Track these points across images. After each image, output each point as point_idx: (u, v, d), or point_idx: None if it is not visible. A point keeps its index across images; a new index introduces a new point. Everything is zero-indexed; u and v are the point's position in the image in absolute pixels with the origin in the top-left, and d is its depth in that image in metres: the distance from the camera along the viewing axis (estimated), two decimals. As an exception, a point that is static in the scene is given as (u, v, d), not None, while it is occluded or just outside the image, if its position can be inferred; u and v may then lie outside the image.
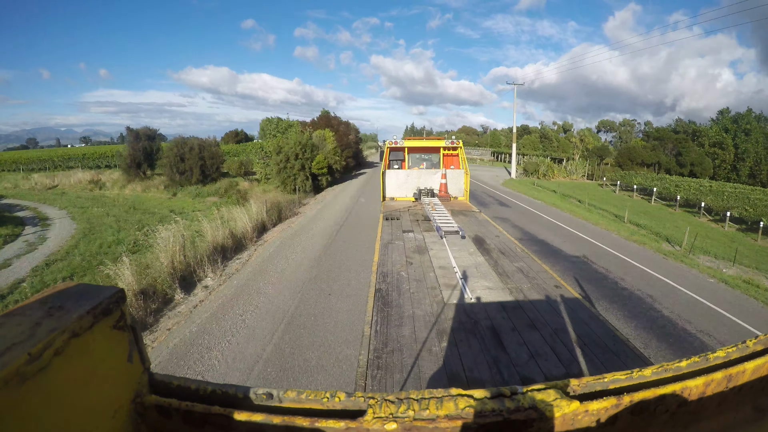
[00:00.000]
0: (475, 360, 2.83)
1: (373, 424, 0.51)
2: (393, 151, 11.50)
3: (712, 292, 8.34)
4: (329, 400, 0.54)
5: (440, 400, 0.52)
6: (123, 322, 0.53)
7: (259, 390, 0.56)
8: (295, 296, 7.53)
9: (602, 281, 8.64)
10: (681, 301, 7.79)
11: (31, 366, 0.40)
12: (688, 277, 9.31)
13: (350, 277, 8.40)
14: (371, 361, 2.80)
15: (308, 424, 0.51)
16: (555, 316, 3.54)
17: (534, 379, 2.62)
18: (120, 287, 0.55)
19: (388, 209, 9.18)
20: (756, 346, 0.60)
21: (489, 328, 3.30)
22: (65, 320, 0.45)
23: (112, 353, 0.52)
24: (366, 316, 3.54)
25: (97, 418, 0.48)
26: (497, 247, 5.95)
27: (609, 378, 0.58)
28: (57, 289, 0.52)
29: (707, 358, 0.60)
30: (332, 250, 10.38)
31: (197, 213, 14.73)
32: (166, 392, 0.56)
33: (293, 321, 6.52)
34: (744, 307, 7.68)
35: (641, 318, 6.95)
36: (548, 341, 3.08)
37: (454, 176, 11.07)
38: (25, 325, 0.43)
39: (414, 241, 6.19)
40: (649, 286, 8.45)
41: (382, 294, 4.03)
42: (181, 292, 7.61)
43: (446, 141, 11.58)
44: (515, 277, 4.59)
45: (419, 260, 5.21)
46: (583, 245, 11.53)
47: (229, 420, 0.52)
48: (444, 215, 7.81)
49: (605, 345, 3.06)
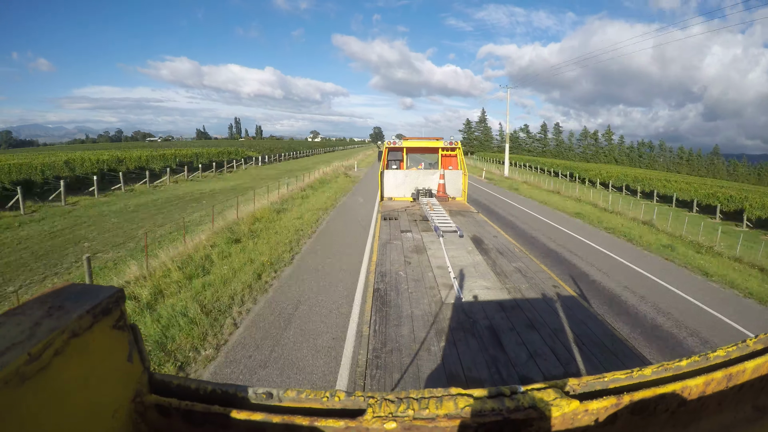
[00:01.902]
0: (473, 359, 2.83)
1: (372, 424, 0.51)
2: (391, 151, 11.51)
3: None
4: (329, 400, 0.54)
5: (440, 399, 0.52)
6: (123, 321, 0.53)
7: (259, 389, 0.56)
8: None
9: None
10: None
11: (31, 366, 0.40)
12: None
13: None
14: (370, 360, 2.80)
15: (308, 423, 0.51)
16: (553, 316, 3.55)
17: (533, 379, 2.62)
18: (120, 287, 0.54)
19: (387, 209, 9.18)
20: (756, 345, 0.60)
21: (488, 327, 3.30)
22: (65, 320, 0.45)
23: (112, 353, 0.51)
24: (364, 315, 3.54)
25: (96, 418, 0.48)
26: (495, 247, 5.95)
27: (609, 377, 0.58)
28: (57, 288, 0.52)
29: (707, 358, 0.60)
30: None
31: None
32: (166, 392, 0.56)
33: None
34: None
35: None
36: (547, 341, 3.09)
37: (453, 177, 11.07)
38: (24, 324, 0.43)
39: (412, 241, 6.20)
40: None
41: (380, 294, 4.03)
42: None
43: (444, 141, 11.58)
44: (513, 276, 4.59)
45: (417, 260, 5.21)
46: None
47: (228, 419, 0.52)
48: (442, 215, 7.82)
49: (604, 345, 3.06)
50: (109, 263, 9.55)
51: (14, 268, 9.17)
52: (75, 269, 9.23)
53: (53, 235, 12.16)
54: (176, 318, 6.33)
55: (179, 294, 7.34)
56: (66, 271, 9.18)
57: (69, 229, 12.96)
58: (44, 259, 9.90)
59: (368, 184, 27.06)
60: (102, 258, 10.01)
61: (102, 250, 10.82)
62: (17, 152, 51.29)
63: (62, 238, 11.95)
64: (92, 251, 10.45)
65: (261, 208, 15.04)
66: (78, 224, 13.71)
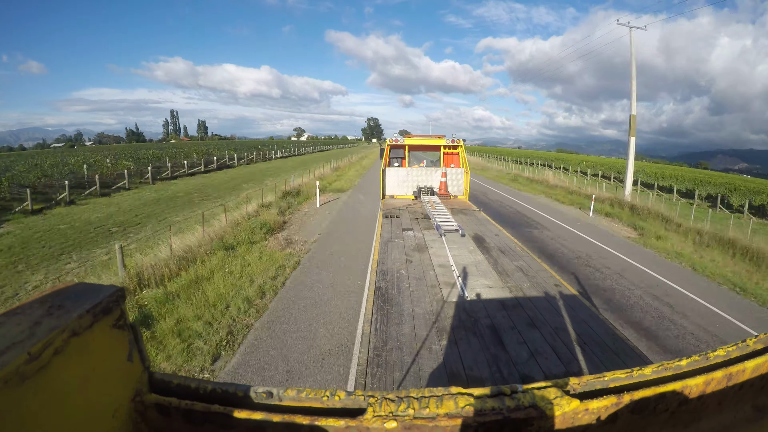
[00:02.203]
0: (475, 358, 2.83)
1: (373, 423, 0.50)
2: (393, 149, 11.50)
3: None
4: (329, 399, 0.54)
5: (440, 398, 0.52)
6: (123, 321, 0.53)
7: (259, 388, 0.56)
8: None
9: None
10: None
11: (31, 365, 0.40)
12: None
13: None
14: (371, 359, 2.81)
15: (308, 422, 0.51)
16: (554, 315, 3.55)
17: (534, 378, 2.62)
18: (120, 286, 0.54)
19: (388, 207, 9.18)
20: (756, 345, 0.60)
21: (489, 326, 3.30)
22: (65, 319, 0.45)
23: (112, 352, 0.52)
24: (366, 314, 3.54)
25: (97, 417, 0.48)
26: (497, 245, 5.95)
27: (609, 376, 0.58)
28: (57, 288, 0.52)
29: (707, 357, 0.60)
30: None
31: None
32: (166, 391, 0.56)
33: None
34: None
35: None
36: (548, 340, 3.09)
37: (455, 175, 11.06)
38: (24, 324, 0.43)
39: (414, 240, 6.19)
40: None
41: (382, 292, 4.03)
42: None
43: (446, 139, 11.56)
44: (515, 275, 4.59)
45: (419, 258, 5.21)
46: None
47: (228, 418, 0.52)
48: (444, 214, 7.81)
49: (605, 344, 3.06)
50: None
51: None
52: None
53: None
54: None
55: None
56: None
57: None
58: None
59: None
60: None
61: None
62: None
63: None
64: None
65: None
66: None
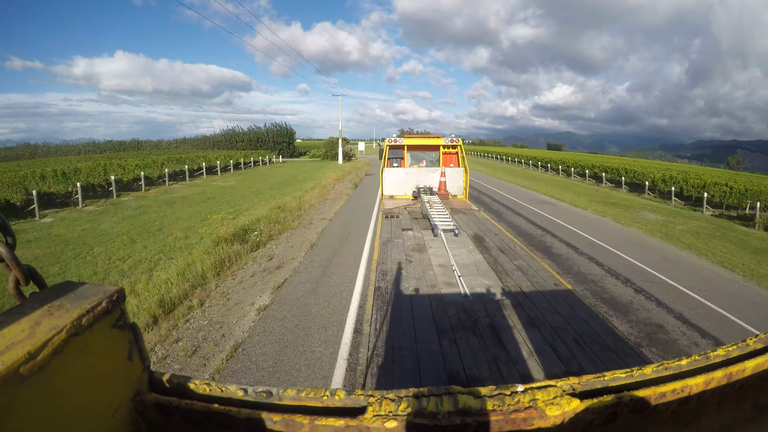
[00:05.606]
0: (474, 358, 2.83)
1: (373, 422, 0.50)
2: (392, 149, 11.51)
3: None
4: (329, 398, 0.54)
5: (440, 398, 0.52)
6: (123, 321, 0.53)
7: (259, 388, 0.56)
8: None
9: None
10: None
11: (31, 365, 0.40)
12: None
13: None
14: (371, 359, 2.81)
15: (308, 422, 0.51)
16: (554, 315, 3.55)
17: (534, 377, 2.63)
18: (120, 286, 0.54)
19: (387, 207, 9.19)
20: (756, 345, 0.60)
21: (488, 326, 3.30)
22: (65, 319, 0.45)
23: (112, 352, 0.51)
24: (365, 314, 3.54)
25: (97, 417, 0.48)
26: (496, 245, 5.95)
27: (609, 376, 0.58)
28: (57, 287, 0.52)
29: (707, 357, 0.60)
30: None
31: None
32: (166, 390, 0.56)
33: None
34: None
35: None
36: (548, 339, 3.09)
37: (454, 174, 11.07)
38: (24, 324, 0.43)
39: (413, 239, 6.20)
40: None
41: (381, 292, 4.03)
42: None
43: (445, 139, 11.59)
44: (515, 275, 4.59)
45: (419, 258, 5.21)
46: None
47: (228, 418, 0.52)
48: (441, 213, 7.82)
49: (605, 343, 3.06)
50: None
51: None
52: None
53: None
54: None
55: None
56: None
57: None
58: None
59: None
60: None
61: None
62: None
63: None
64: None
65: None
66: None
